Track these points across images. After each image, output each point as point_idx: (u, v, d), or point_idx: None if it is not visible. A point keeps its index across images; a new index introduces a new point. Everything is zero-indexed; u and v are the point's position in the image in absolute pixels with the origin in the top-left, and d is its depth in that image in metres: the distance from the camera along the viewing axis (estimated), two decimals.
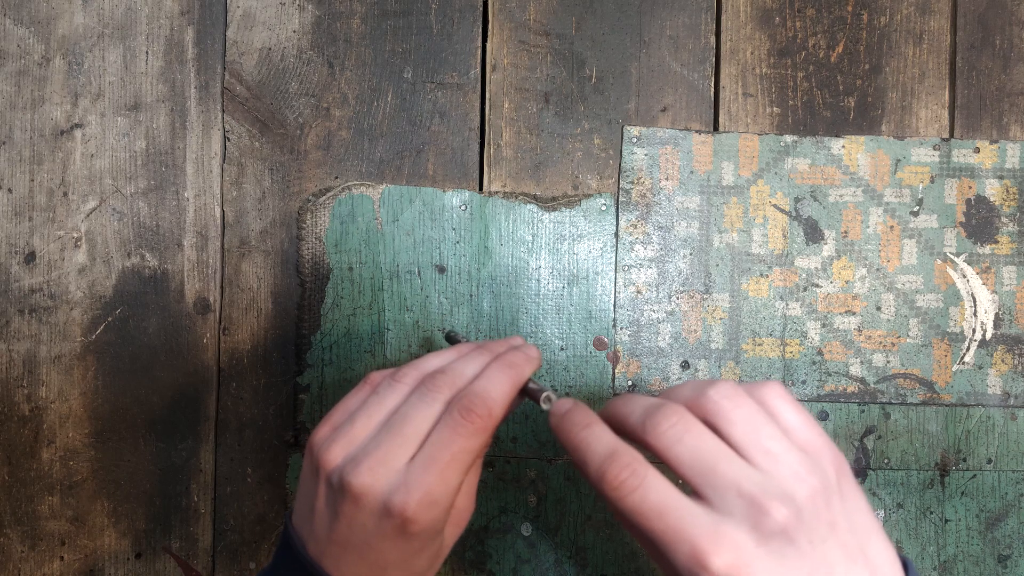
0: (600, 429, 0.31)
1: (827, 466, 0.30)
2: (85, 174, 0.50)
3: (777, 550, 0.27)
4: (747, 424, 0.30)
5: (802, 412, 0.31)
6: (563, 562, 0.50)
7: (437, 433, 0.32)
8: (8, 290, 0.50)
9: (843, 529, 0.29)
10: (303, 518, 0.34)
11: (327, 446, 0.33)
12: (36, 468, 0.50)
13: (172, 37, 0.50)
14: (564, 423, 0.32)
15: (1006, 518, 0.50)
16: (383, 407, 0.34)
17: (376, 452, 0.32)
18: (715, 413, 0.30)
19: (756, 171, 0.50)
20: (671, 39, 0.51)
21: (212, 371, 0.50)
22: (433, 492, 0.31)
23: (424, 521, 0.31)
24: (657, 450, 0.30)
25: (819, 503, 0.28)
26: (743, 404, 0.30)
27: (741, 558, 0.27)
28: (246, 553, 0.50)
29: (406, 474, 0.31)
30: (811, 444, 0.30)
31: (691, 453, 0.29)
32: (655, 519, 0.28)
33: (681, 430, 0.29)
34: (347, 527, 0.32)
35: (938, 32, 0.51)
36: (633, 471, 0.29)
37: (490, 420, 0.32)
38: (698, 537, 0.27)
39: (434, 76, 0.51)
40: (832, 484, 0.29)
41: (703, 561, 0.27)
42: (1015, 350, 0.50)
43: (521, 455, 0.50)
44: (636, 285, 0.50)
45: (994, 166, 0.50)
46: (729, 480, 0.28)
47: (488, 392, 0.33)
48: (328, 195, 0.50)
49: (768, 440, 0.29)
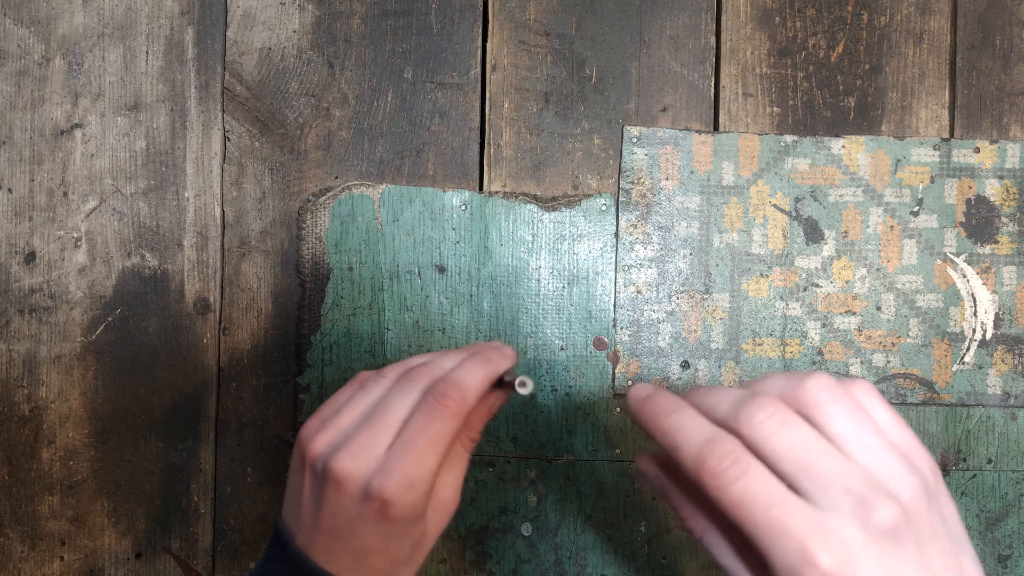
0: (693, 413, 0.30)
1: (925, 469, 0.29)
2: (85, 174, 0.50)
3: (885, 549, 0.26)
4: (847, 419, 0.28)
5: (893, 413, 0.30)
6: (563, 562, 0.50)
7: (413, 419, 0.33)
8: (8, 290, 0.50)
9: (942, 535, 0.28)
10: (291, 511, 0.36)
11: (314, 436, 0.34)
12: (36, 468, 0.50)
13: (172, 37, 0.50)
14: (649, 407, 0.31)
15: (1006, 518, 0.50)
16: (367, 399, 0.35)
17: (357, 438, 0.33)
18: (814, 405, 0.29)
19: (756, 171, 0.50)
20: (671, 39, 0.51)
21: (212, 371, 0.50)
22: (410, 474, 0.32)
23: (403, 503, 0.32)
24: (752, 442, 0.28)
25: (921, 505, 0.27)
26: (842, 398, 0.29)
27: (849, 555, 0.26)
28: (246, 553, 0.50)
29: (385, 459, 0.33)
30: (907, 446, 0.29)
31: (791, 447, 0.27)
32: (760, 512, 0.27)
33: (779, 422, 0.28)
34: (331, 514, 0.33)
35: (938, 32, 0.51)
36: (736, 459, 0.27)
37: (463, 404, 0.33)
38: (806, 532, 0.26)
39: (434, 76, 0.51)
40: (932, 487, 0.28)
41: (811, 558, 0.26)
42: (1015, 350, 0.50)
43: (521, 455, 0.50)
44: (636, 285, 0.50)
45: (994, 166, 0.50)
46: (833, 475, 0.27)
47: (462, 379, 0.34)
48: (328, 195, 0.50)
49: (868, 436, 0.28)
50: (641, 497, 0.50)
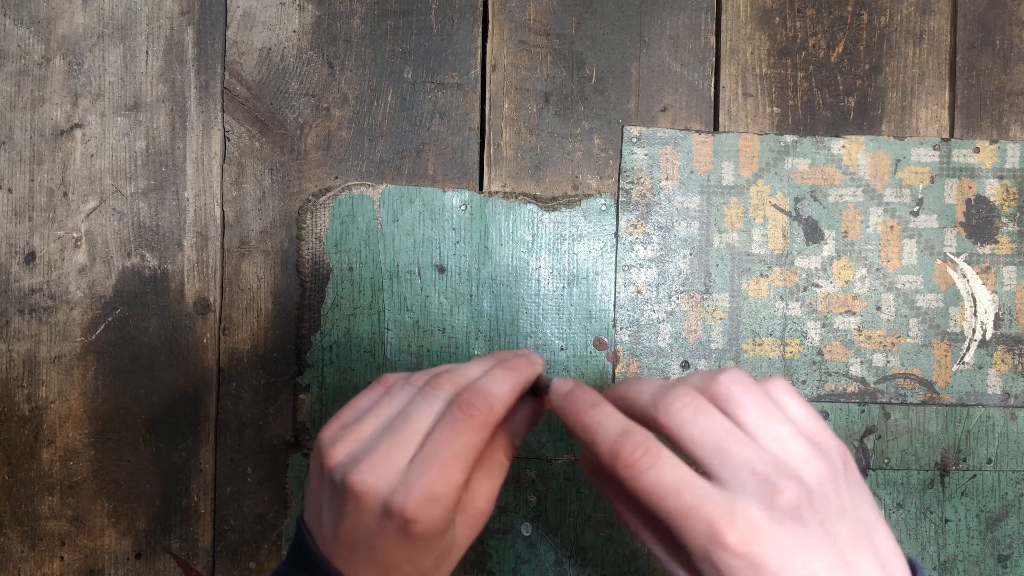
0: (609, 408, 0.31)
1: (834, 455, 0.30)
2: (85, 174, 0.50)
3: (790, 528, 0.28)
4: (757, 409, 0.30)
5: (807, 406, 0.32)
6: (563, 562, 0.50)
7: (438, 431, 0.32)
8: (8, 290, 0.50)
9: (851, 516, 0.29)
10: (313, 516, 0.34)
11: (333, 443, 0.33)
12: (36, 468, 0.50)
13: (172, 37, 0.50)
14: (569, 403, 0.32)
15: (1006, 518, 0.50)
16: (392, 407, 0.34)
17: (377, 451, 0.32)
18: (726, 398, 0.30)
19: (756, 171, 0.50)
20: (671, 39, 0.51)
21: (212, 371, 0.50)
22: (434, 491, 0.31)
23: (426, 521, 0.31)
24: (668, 429, 0.30)
25: (828, 487, 0.29)
26: (752, 390, 0.30)
27: (755, 534, 0.27)
28: (246, 553, 0.50)
29: (406, 473, 0.31)
30: (817, 434, 0.31)
31: (703, 433, 0.29)
32: (671, 497, 0.28)
33: (693, 410, 0.30)
34: (351, 526, 0.32)
35: (938, 32, 0.51)
36: (647, 449, 0.29)
37: (491, 416, 0.32)
38: (713, 513, 0.27)
39: (434, 76, 0.51)
40: (840, 471, 0.30)
41: (719, 537, 0.27)
42: (1015, 350, 0.50)
43: (521, 455, 0.50)
44: (636, 285, 0.50)
45: (994, 166, 0.50)
46: (742, 459, 0.28)
47: (489, 389, 0.32)
48: (328, 195, 0.50)
49: (777, 425, 0.30)
50: None
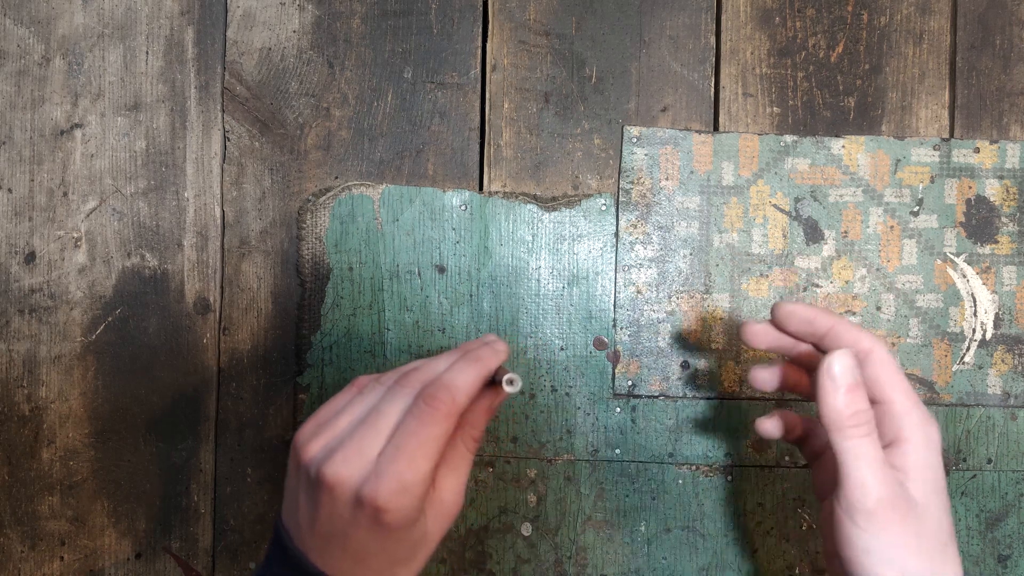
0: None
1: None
2: (85, 174, 0.50)
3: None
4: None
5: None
6: (563, 562, 0.50)
7: (404, 423, 0.33)
8: (8, 290, 0.50)
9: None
10: (290, 513, 0.36)
11: (309, 440, 0.34)
12: (36, 468, 0.50)
13: (172, 37, 0.50)
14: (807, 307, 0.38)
15: (1006, 518, 0.50)
16: (363, 405, 0.35)
17: (350, 444, 0.33)
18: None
19: (756, 171, 0.50)
20: (671, 39, 0.51)
21: (212, 371, 0.50)
22: (403, 479, 0.32)
23: (396, 508, 0.32)
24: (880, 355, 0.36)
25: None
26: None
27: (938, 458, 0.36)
28: (246, 553, 0.50)
29: (377, 464, 0.33)
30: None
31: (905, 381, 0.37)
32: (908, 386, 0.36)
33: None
34: (326, 518, 0.33)
35: (938, 32, 0.51)
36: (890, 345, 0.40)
37: (453, 406, 0.33)
38: (925, 418, 0.36)
39: (434, 76, 0.51)
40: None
41: (931, 437, 0.36)
42: (1015, 350, 0.50)
43: (521, 455, 0.50)
44: (636, 285, 0.50)
45: (994, 166, 0.50)
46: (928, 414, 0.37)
47: (452, 380, 0.34)
48: (328, 195, 0.50)
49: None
50: (641, 497, 0.50)
